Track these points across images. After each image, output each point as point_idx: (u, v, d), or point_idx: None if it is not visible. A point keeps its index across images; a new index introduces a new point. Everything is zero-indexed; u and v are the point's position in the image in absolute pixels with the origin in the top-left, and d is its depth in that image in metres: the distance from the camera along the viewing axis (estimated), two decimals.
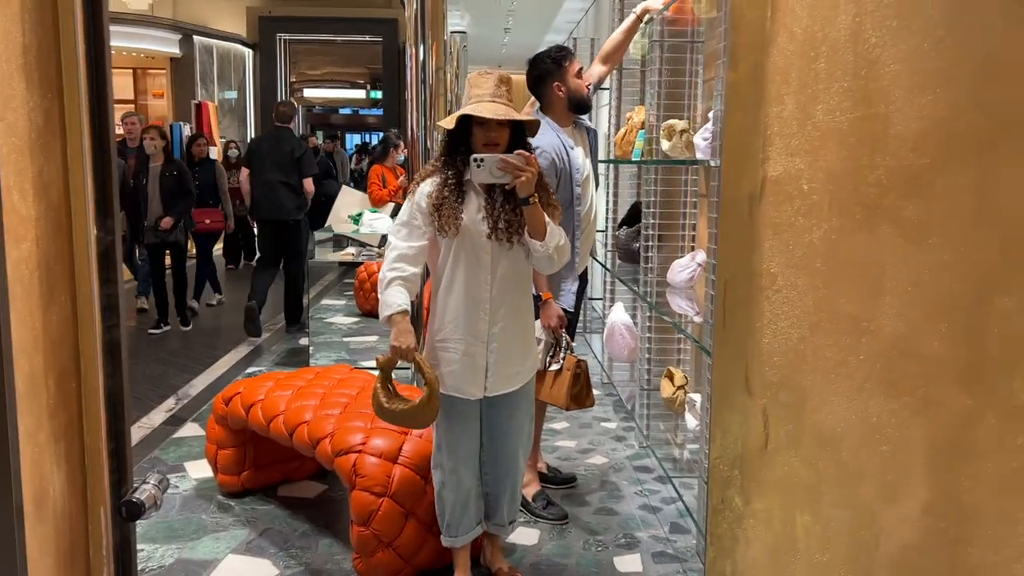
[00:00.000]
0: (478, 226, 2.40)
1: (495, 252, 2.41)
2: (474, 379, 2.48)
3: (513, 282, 2.47)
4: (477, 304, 2.43)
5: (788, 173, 1.27)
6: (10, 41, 1.07)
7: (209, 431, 3.52)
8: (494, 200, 2.40)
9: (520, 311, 2.53)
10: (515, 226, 2.38)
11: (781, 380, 1.33)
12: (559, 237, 2.41)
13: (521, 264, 2.47)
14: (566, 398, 3.17)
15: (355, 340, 6.60)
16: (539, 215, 2.34)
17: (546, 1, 8.71)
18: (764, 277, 1.30)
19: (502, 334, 2.46)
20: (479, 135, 2.39)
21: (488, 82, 2.40)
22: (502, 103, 2.39)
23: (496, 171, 2.28)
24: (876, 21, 1.25)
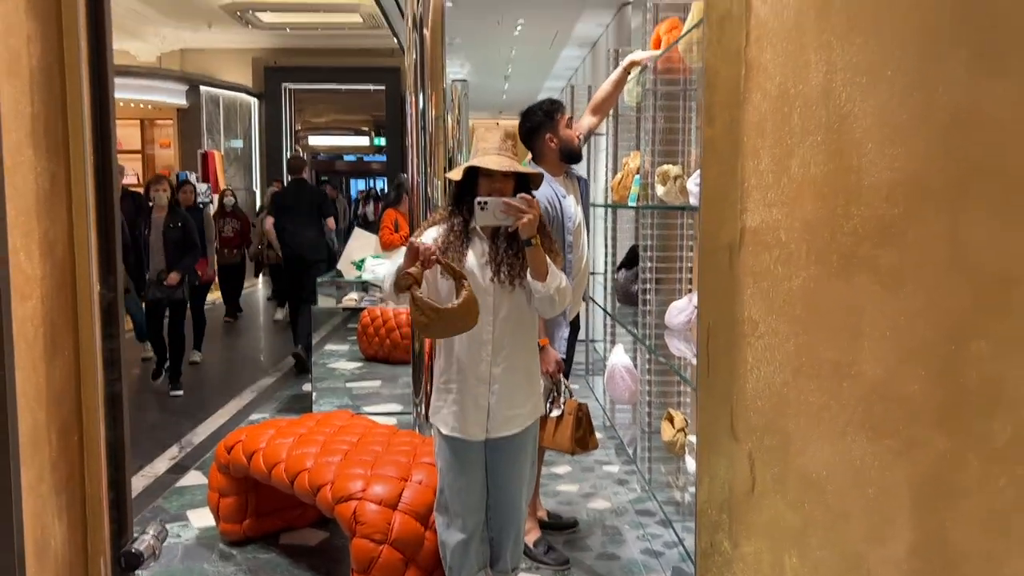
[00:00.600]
0: (481, 270, 2.48)
1: (497, 295, 2.47)
2: (476, 420, 2.51)
3: (515, 325, 2.52)
4: (479, 346, 2.48)
5: (766, 223, 1.32)
6: (19, 112, 1.13)
7: (211, 479, 3.54)
8: (497, 246, 2.48)
9: (523, 354, 2.57)
10: (516, 269, 2.46)
11: (766, 424, 1.36)
12: (560, 280, 2.46)
13: (523, 307, 2.52)
14: (570, 442, 3.19)
15: (358, 385, 6.62)
16: (541, 257, 2.41)
17: (544, 50, 8.89)
18: (746, 324, 1.33)
19: (504, 375, 2.50)
20: (484, 186, 2.47)
21: (494, 136, 2.52)
22: (507, 156, 2.49)
23: (499, 213, 2.37)
24: (846, 78, 1.30)
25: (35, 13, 1.16)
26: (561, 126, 3.38)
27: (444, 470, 2.59)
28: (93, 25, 1.26)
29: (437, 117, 5.80)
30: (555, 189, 3.28)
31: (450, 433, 2.54)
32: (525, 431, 2.59)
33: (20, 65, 1.13)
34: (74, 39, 1.21)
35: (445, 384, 2.56)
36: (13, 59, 1.12)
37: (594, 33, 7.73)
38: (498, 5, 7.01)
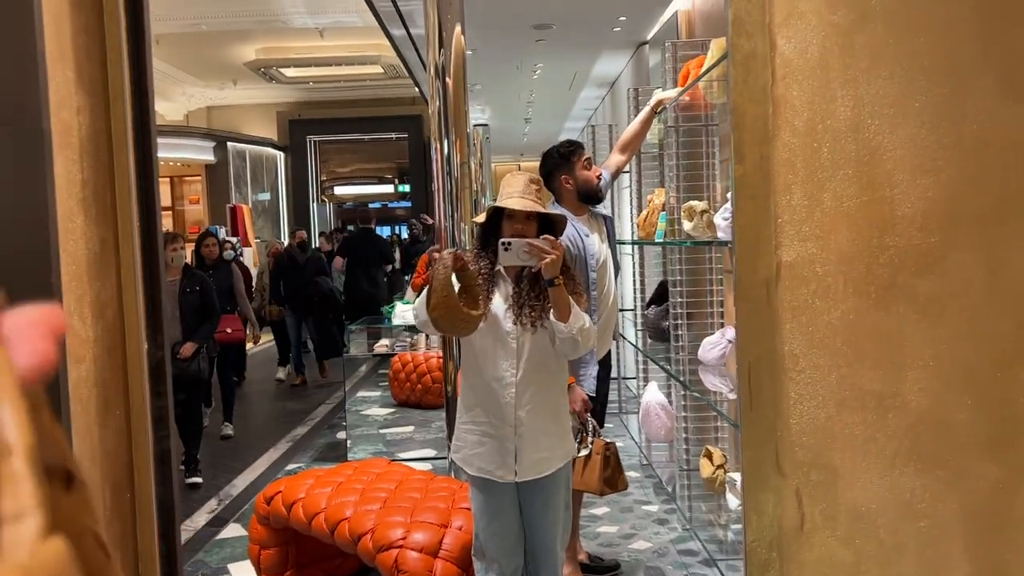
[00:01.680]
0: (505, 313, 2.50)
1: (520, 337, 2.48)
2: (503, 462, 2.50)
3: (540, 366, 2.51)
4: (503, 387, 2.48)
5: (801, 258, 1.33)
6: (71, 179, 1.18)
7: (252, 531, 3.54)
8: (521, 288, 2.50)
9: (548, 396, 2.55)
10: (538, 311, 2.47)
11: (812, 460, 1.35)
12: (583, 321, 2.46)
13: (547, 349, 2.51)
14: (599, 483, 3.16)
15: (391, 431, 6.62)
16: (564, 297, 2.41)
17: (563, 92, 9.00)
18: (787, 359, 1.34)
19: (529, 418, 2.49)
20: (507, 228, 2.50)
21: (519, 181, 2.55)
22: (530, 199, 2.53)
23: (523, 254, 2.39)
24: (874, 110, 1.31)
25: (84, 86, 1.21)
26: (577, 168, 3.41)
27: (478, 514, 2.58)
28: (137, 94, 1.31)
29: (462, 163, 5.88)
30: (577, 228, 3.30)
31: (478, 474, 2.53)
32: (556, 474, 2.57)
33: (71, 136, 1.18)
34: (121, 109, 1.26)
35: (469, 424, 2.56)
36: (65, 131, 1.16)
37: (612, 73, 7.82)
38: (517, 50, 7.13)
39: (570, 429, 2.69)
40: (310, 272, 8.63)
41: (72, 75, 1.17)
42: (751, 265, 1.33)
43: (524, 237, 2.46)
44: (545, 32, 6.51)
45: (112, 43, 1.27)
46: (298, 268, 8.63)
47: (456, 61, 5.51)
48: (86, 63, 1.22)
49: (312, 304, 8.54)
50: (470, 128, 7.57)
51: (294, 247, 9.02)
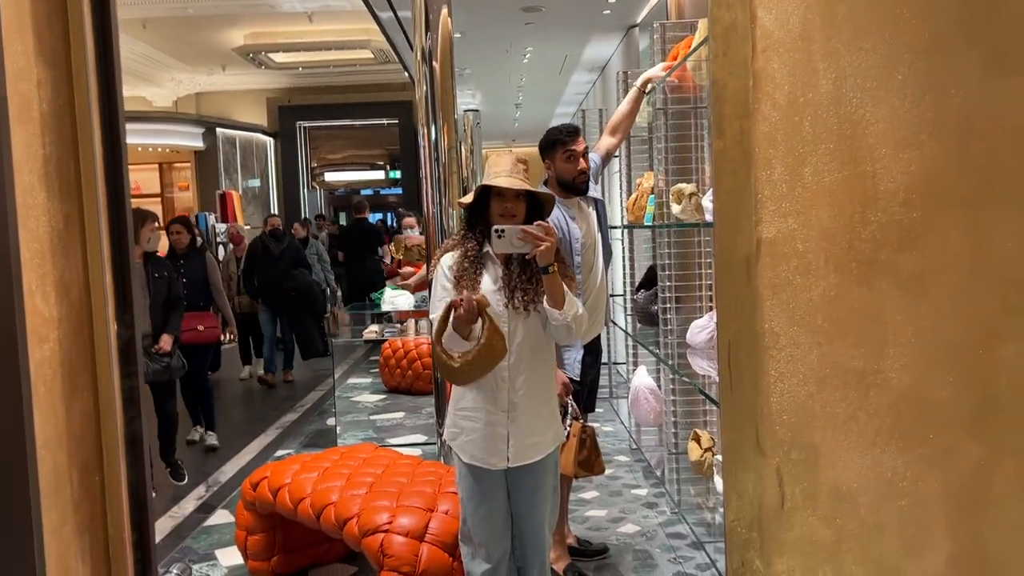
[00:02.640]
0: (495, 296, 2.46)
1: (512, 321, 2.46)
2: (496, 448, 2.49)
3: (531, 351, 2.50)
4: (496, 373, 2.45)
5: (782, 234, 1.30)
6: (32, 154, 1.14)
7: (238, 517, 3.53)
8: (511, 271, 2.48)
9: (540, 381, 2.55)
10: (531, 295, 2.45)
11: (792, 438, 1.33)
12: (577, 307, 2.44)
13: (539, 334, 2.51)
14: (572, 465, 3.16)
15: (381, 418, 6.61)
16: (558, 284, 2.39)
17: (554, 76, 8.95)
18: (767, 336, 1.31)
19: (522, 402, 2.48)
20: (496, 207, 2.48)
21: (506, 161, 2.51)
22: (519, 178, 2.49)
23: (517, 241, 2.36)
24: (856, 84, 1.29)
25: (44, 59, 1.17)
26: (559, 158, 3.37)
27: (466, 499, 2.57)
28: (103, 67, 1.27)
29: (450, 148, 5.85)
30: (562, 212, 3.27)
31: (470, 462, 2.52)
32: (546, 459, 2.56)
33: (31, 110, 1.14)
34: (83, 82, 1.23)
35: (463, 412, 2.55)
36: (24, 104, 1.13)
37: (603, 56, 7.78)
38: (506, 33, 7.08)
39: (559, 413, 2.67)
40: (286, 264, 7.90)
41: (32, 46, 1.14)
42: (730, 242, 1.30)
43: (514, 216, 2.46)
44: (534, 15, 6.46)
45: (74, 14, 1.24)
46: (272, 259, 7.87)
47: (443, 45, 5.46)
48: (47, 34, 1.19)
49: (288, 300, 7.87)
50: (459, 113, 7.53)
51: (267, 236, 8.09)
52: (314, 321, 8.07)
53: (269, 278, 7.82)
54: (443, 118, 6.17)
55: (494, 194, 2.49)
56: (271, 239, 8.00)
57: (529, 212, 2.51)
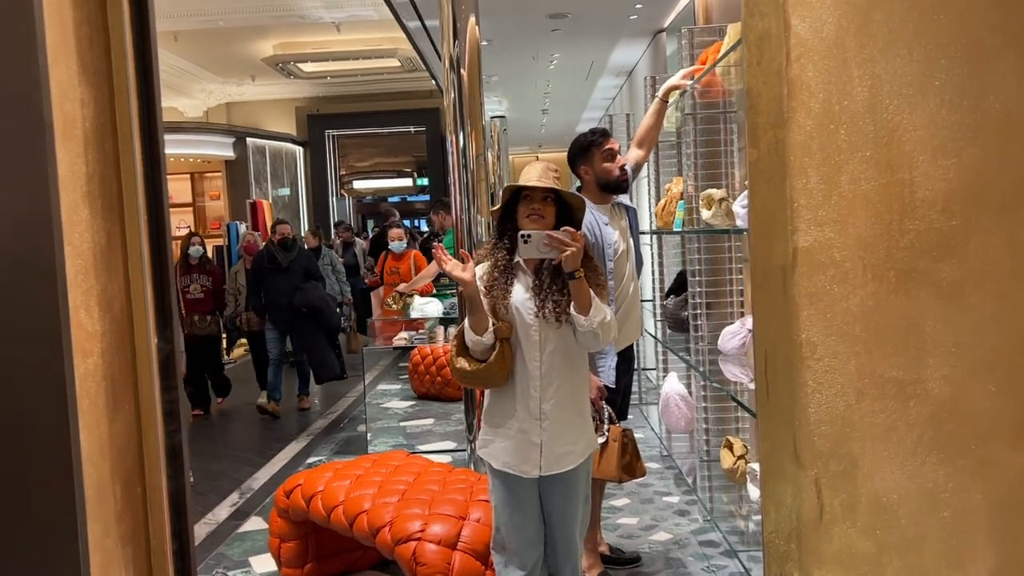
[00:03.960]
0: (526, 305, 2.46)
1: (543, 330, 2.45)
2: (528, 457, 2.48)
3: (563, 359, 2.49)
4: (528, 381, 2.46)
5: (818, 243, 1.29)
6: (75, 172, 1.17)
7: (272, 524, 3.55)
8: (542, 280, 2.46)
9: (573, 389, 2.53)
10: (563, 305, 2.42)
11: (831, 449, 1.32)
12: (605, 314, 2.42)
13: (571, 342, 2.49)
14: (617, 470, 3.15)
15: (412, 424, 6.63)
16: (584, 290, 2.37)
17: (580, 81, 8.95)
18: (804, 347, 1.30)
19: (554, 411, 2.47)
20: (524, 209, 2.47)
21: (537, 168, 2.51)
22: (548, 181, 2.48)
23: (543, 246, 2.34)
24: (892, 90, 1.28)
25: (87, 78, 1.20)
26: (597, 159, 3.35)
27: (499, 507, 2.56)
28: (143, 86, 1.29)
29: (478, 155, 5.87)
30: (596, 216, 3.27)
31: (502, 468, 2.51)
32: (578, 467, 2.54)
33: (75, 129, 1.17)
34: (125, 101, 1.25)
35: (495, 420, 2.55)
36: (68, 123, 1.15)
37: (630, 62, 7.76)
38: (533, 40, 7.09)
39: (590, 422, 2.66)
40: (295, 276, 7.02)
41: (75, 67, 1.16)
42: (766, 251, 1.29)
43: (541, 218, 2.45)
44: (560, 21, 6.46)
45: (115, 34, 1.26)
46: (280, 272, 6.99)
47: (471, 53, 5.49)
48: (89, 54, 1.21)
49: (299, 317, 6.98)
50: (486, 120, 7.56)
51: (275, 245, 7.10)
52: (328, 340, 7.26)
53: (277, 292, 6.98)
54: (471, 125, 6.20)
55: (522, 197, 2.49)
56: (279, 249, 7.07)
57: (560, 219, 2.49)
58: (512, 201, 2.51)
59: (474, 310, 2.41)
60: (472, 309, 2.42)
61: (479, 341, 2.42)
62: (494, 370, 2.43)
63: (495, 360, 2.42)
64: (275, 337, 7.08)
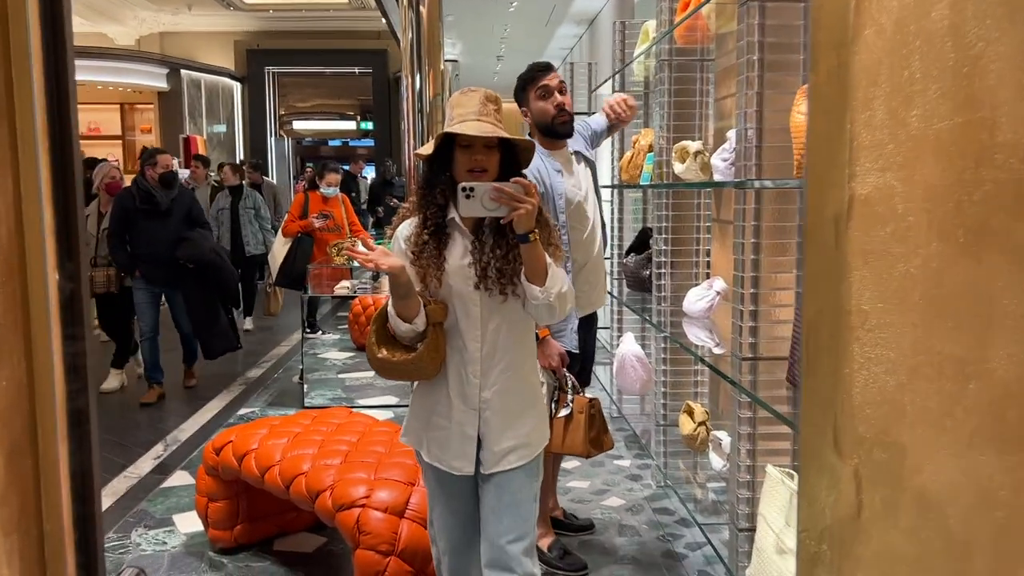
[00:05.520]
0: (464, 273, 2.03)
1: (485, 303, 2.03)
2: (463, 451, 2.07)
3: (508, 337, 2.07)
4: (465, 364, 2.05)
5: (879, 191, 1.08)
6: None
7: (199, 483, 3.28)
8: (483, 242, 2.03)
9: (520, 373, 2.11)
10: (508, 274, 2.00)
11: (875, 436, 1.12)
12: (562, 283, 2.00)
13: (518, 316, 2.07)
14: (584, 444, 2.92)
15: (351, 376, 6.37)
16: (539, 255, 1.94)
17: (539, 28, 8.61)
18: (854, 315, 1.09)
19: (497, 399, 2.07)
20: (463, 160, 1.99)
21: (473, 100, 2.02)
22: (489, 122, 2.00)
23: (489, 202, 1.90)
24: (979, 10, 1.06)
25: None
26: (532, 98, 2.97)
27: (431, 499, 2.21)
28: None
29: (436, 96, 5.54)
30: (546, 163, 2.94)
31: (431, 462, 2.13)
32: (526, 466, 2.12)
33: None
34: None
35: (423, 409, 2.14)
36: None
37: (593, 8, 7.46)
38: None
39: (546, 411, 2.28)
40: (177, 222, 5.43)
41: None
42: (819, 199, 1.08)
43: (484, 171, 1.99)
44: None
45: None
46: (157, 215, 5.36)
47: None
48: None
49: (182, 274, 5.46)
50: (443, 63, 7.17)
51: (152, 181, 5.41)
52: (220, 303, 5.73)
53: (154, 243, 5.36)
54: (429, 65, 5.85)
55: (459, 145, 1.99)
56: (158, 187, 5.43)
57: (504, 165, 2.03)
58: (447, 146, 2.03)
59: (404, 293, 1.97)
60: (401, 292, 1.97)
61: (409, 328, 2.00)
62: (425, 360, 2.02)
63: (427, 348, 2.01)
64: (148, 300, 5.51)
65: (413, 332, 2.01)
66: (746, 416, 2.69)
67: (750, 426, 2.70)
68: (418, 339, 2.04)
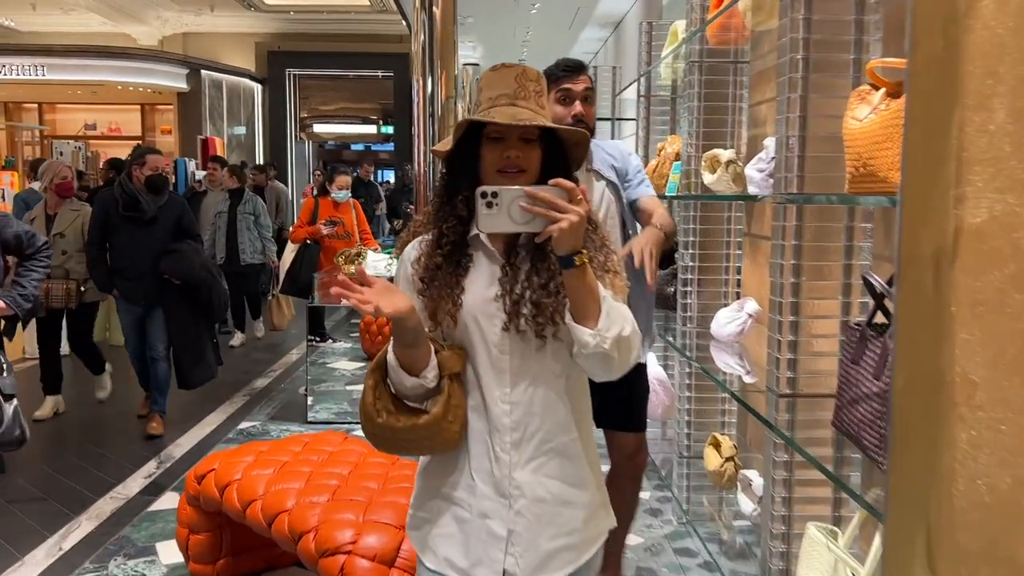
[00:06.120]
0: (489, 308, 1.52)
1: (517, 350, 1.51)
2: (487, 556, 1.51)
3: (549, 396, 1.53)
4: (490, 435, 1.52)
5: (997, 219, 0.79)
6: None
7: (180, 513, 3.02)
8: (515, 267, 1.53)
9: (567, 445, 1.55)
10: (548, 311, 1.47)
11: (983, 549, 0.83)
12: (622, 324, 1.43)
13: (562, 368, 1.53)
14: None
15: (359, 389, 6.09)
16: (589, 285, 1.40)
17: (562, 32, 8.35)
18: (958, 386, 0.81)
19: (535, 483, 1.52)
20: (492, 158, 1.49)
21: (507, 78, 1.52)
22: (528, 108, 1.49)
23: (518, 213, 1.38)
24: None
25: None
26: (552, 99, 2.51)
27: None
28: None
29: (448, 98, 5.28)
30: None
31: (437, 569, 1.56)
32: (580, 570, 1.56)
33: None
34: None
35: (435, 490, 1.58)
36: None
37: (618, 11, 7.18)
38: None
39: (605, 490, 1.65)
40: (163, 232, 4.71)
41: None
42: (915, 229, 0.79)
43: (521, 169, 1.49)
44: None
45: None
46: (142, 224, 4.66)
47: None
48: None
49: (165, 291, 4.72)
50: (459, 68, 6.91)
51: (137, 184, 4.69)
52: (205, 327, 4.94)
53: (136, 255, 4.66)
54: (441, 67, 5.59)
55: (487, 137, 1.50)
56: (145, 191, 4.68)
57: (549, 165, 1.52)
58: (471, 139, 1.53)
59: (412, 341, 1.46)
60: (407, 339, 1.46)
61: (415, 384, 1.49)
62: (440, 426, 1.49)
63: (442, 409, 1.48)
64: (132, 323, 4.84)
65: (422, 388, 1.50)
66: (782, 460, 2.39)
67: (786, 471, 2.41)
68: (428, 395, 1.52)
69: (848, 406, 1.90)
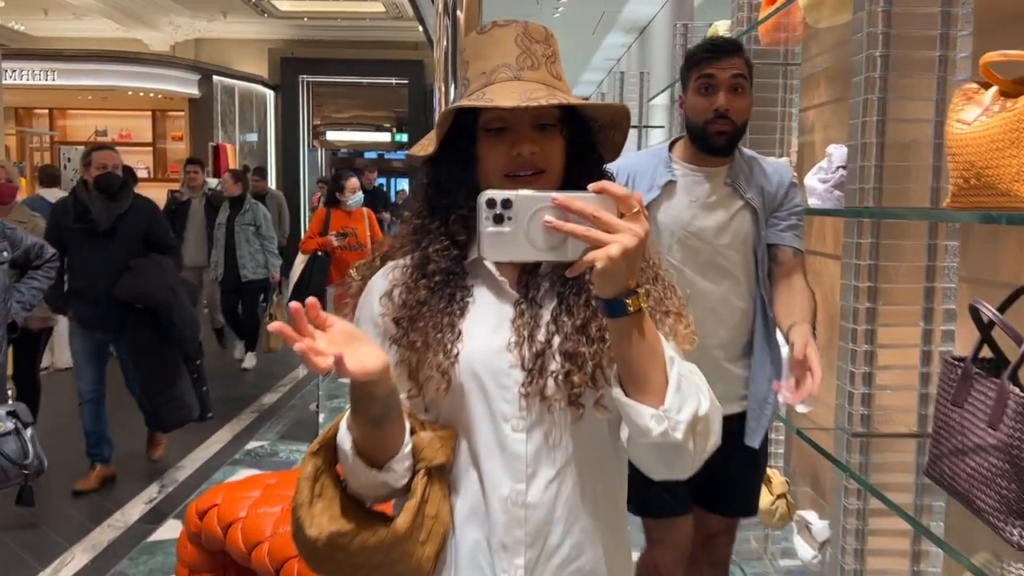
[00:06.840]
0: (496, 365, 1.08)
1: (537, 428, 1.08)
2: None
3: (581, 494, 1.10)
4: (492, 552, 1.08)
5: None
6: None
7: (180, 550, 2.76)
8: (536, 304, 1.10)
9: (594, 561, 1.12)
10: (589, 364, 1.05)
11: None
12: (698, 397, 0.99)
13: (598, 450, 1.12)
14: None
15: None
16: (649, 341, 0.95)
17: (585, 37, 8.13)
18: None
19: None
20: (494, 157, 1.08)
21: (505, 42, 1.08)
22: (535, 80, 1.07)
23: (541, 233, 0.91)
24: None
25: None
26: (691, 87, 2.09)
27: None
28: None
29: None
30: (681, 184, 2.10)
31: None
32: None
33: None
34: None
35: None
36: None
37: (643, 16, 6.94)
38: None
39: None
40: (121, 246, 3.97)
41: None
42: None
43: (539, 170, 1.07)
44: None
45: None
46: (94, 236, 3.94)
47: None
48: None
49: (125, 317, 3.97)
50: None
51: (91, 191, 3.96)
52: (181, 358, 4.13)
53: (89, 273, 3.97)
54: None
55: (484, 129, 1.08)
56: (96, 195, 3.95)
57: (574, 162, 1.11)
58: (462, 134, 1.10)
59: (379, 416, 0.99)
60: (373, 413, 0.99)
61: (377, 482, 1.03)
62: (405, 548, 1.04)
63: (407, 522, 1.03)
64: (86, 351, 4.08)
65: (386, 488, 1.05)
66: (854, 507, 2.12)
67: (858, 519, 2.14)
68: (393, 496, 1.08)
69: (951, 456, 1.63)
